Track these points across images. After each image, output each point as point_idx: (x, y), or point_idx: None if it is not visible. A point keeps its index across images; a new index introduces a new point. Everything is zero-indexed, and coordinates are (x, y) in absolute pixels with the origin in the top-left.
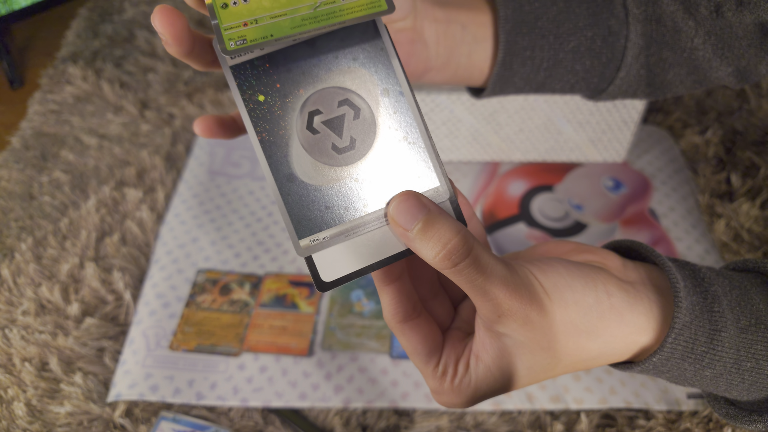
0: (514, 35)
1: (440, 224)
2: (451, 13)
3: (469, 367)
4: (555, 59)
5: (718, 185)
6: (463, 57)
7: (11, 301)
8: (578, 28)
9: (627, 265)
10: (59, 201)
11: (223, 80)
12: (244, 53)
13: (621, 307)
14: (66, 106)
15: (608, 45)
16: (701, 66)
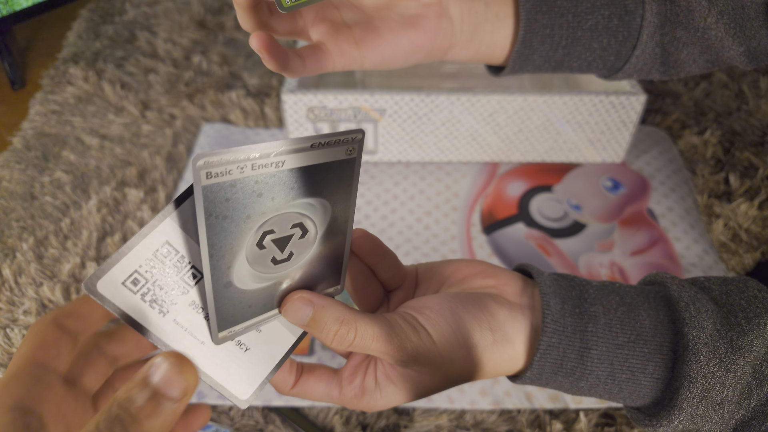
0: (534, 13)
1: (325, 318)
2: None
3: (377, 383)
4: (573, 37)
5: (717, 185)
6: (486, 34)
7: (12, 300)
8: (596, 7)
9: (525, 290)
10: (60, 201)
11: (223, 81)
12: (297, 8)
13: (504, 337)
14: (67, 106)
15: (624, 24)
16: (713, 45)
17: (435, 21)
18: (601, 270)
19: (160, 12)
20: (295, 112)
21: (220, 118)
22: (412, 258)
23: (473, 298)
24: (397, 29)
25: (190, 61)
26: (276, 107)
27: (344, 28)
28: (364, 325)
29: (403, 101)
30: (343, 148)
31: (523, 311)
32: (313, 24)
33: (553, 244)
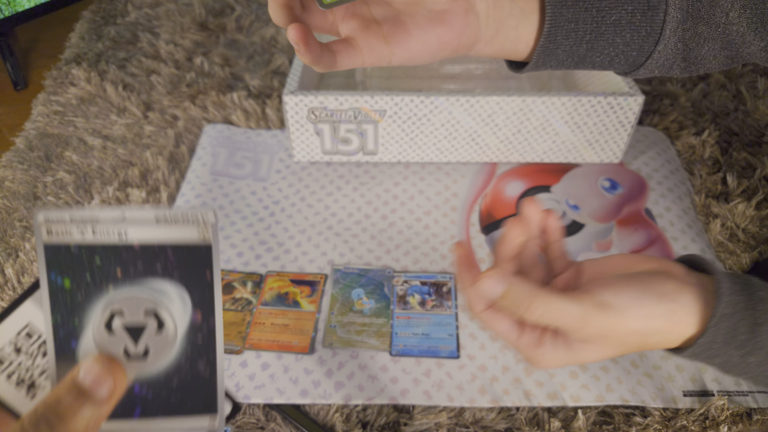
0: (560, 7)
1: (518, 292)
2: None
3: (555, 341)
4: (597, 32)
5: (714, 186)
6: (511, 29)
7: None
8: (619, 2)
9: (691, 273)
10: (63, 201)
11: (225, 82)
12: (337, 5)
13: (680, 307)
14: (70, 107)
15: (648, 18)
16: (734, 41)
17: (462, 17)
18: None
19: (162, 13)
20: (296, 113)
21: (222, 119)
22: (412, 257)
23: (650, 273)
24: (424, 25)
25: (192, 63)
26: (277, 108)
27: (374, 24)
28: (555, 300)
29: (403, 102)
30: (193, 229)
31: (693, 287)
32: (343, 19)
33: None
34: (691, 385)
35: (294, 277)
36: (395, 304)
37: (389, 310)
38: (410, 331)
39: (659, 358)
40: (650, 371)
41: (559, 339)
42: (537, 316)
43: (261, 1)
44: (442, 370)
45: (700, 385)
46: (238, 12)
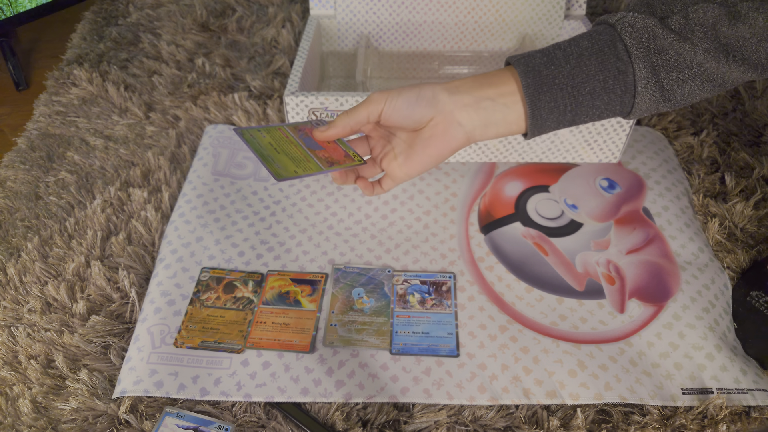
0: (537, 95)
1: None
2: (479, 93)
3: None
4: (576, 102)
5: (713, 185)
6: (500, 120)
7: (17, 299)
8: (590, 75)
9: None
10: (65, 201)
11: (226, 83)
12: (292, 179)
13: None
14: (72, 107)
15: (619, 82)
16: (713, 75)
17: (444, 135)
18: (597, 268)
19: (164, 14)
20: (297, 113)
21: (224, 120)
22: (412, 257)
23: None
24: (420, 150)
25: (193, 63)
26: (278, 109)
27: (392, 154)
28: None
29: None
30: None
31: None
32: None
33: (550, 243)
34: (690, 383)
35: (295, 276)
36: (395, 303)
37: (389, 308)
38: (410, 329)
39: (658, 356)
40: (649, 369)
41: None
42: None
43: (262, 3)
44: (441, 368)
45: (699, 383)
46: (239, 13)
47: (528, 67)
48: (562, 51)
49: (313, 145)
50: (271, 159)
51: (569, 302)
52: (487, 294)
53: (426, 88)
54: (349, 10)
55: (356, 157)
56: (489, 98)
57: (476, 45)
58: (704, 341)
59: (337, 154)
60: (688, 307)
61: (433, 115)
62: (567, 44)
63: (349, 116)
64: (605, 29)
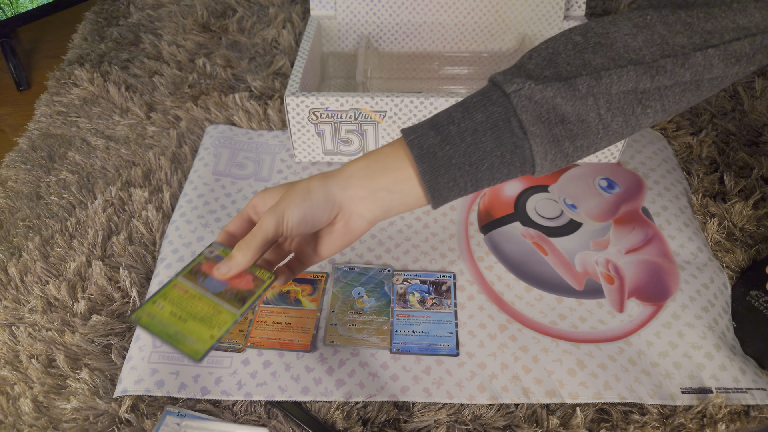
0: (435, 178)
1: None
2: (373, 184)
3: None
4: (476, 178)
5: (712, 185)
6: (399, 206)
7: (18, 299)
8: (487, 153)
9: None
10: (66, 201)
11: (227, 83)
12: (209, 353)
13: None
14: (73, 107)
15: (517, 156)
16: (617, 131)
17: (347, 227)
18: (596, 267)
19: (165, 15)
20: (297, 114)
21: (224, 120)
22: (412, 256)
23: None
24: (327, 242)
25: (194, 64)
26: (279, 109)
27: (306, 245)
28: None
29: (403, 103)
30: None
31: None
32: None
33: (550, 243)
34: (689, 383)
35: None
36: (395, 303)
37: (389, 308)
38: (410, 329)
39: (658, 356)
40: (648, 368)
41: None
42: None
43: (262, 3)
44: (441, 367)
45: (698, 382)
46: (239, 14)
47: (422, 150)
48: (456, 126)
49: (218, 286)
50: (180, 336)
51: (568, 301)
52: (486, 293)
53: (316, 189)
54: (349, 10)
55: (266, 275)
56: (384, 188)
57: (476, 45)
58: (703, 340)
59: (245, 282)
60: (687, 307)
61: (334, 214)
62: (460, 117)
63: (248, 247)
64: (500, 99)
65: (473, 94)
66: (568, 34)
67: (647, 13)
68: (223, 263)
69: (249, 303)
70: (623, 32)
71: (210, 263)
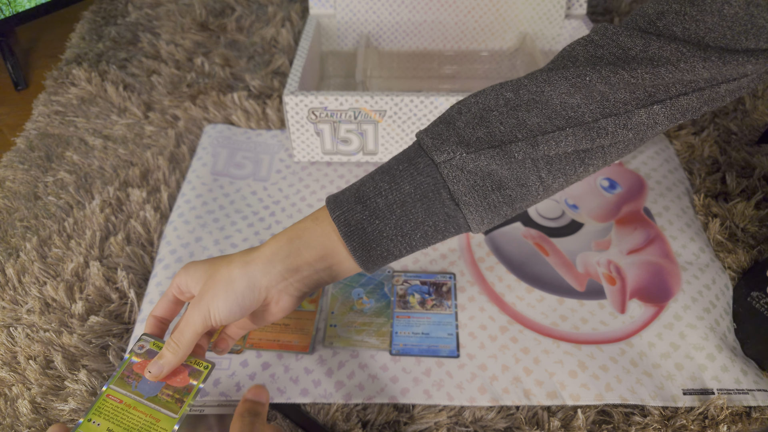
0: (367, 252)
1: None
2: (297, 262)
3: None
4: (410, 245)
5: (714, 185)
6: (328, 278)
7: (16, 299)
8: (419, 223)
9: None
10: (64, 201)
11: (226, 82)
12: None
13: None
14: (70, 107)
15: (451, 224)
16: (557, 189)
17: (278, 306)
18: (598, 268)
19: (163, 14)
20: (296, 113)
21: (223, 120)
22: (412, 257)
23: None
24: (262, 317)
25: (192, 63)
26: (278, 108)
27: (244, 322)
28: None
29: (403, 103)
30: None
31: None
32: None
33: (551, 243)
34: (690, 384)
35: None
36: (395, 304)
37: (389, 309)
38: (410, 330)
39: (659, 357)
40: (650, 370)
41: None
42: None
43: (261, 2)
44: (441, 369)
45: (699, 383)
46: (238, 12)
47: (350, 228)
48: (384, 198)
49: (153, 388)
50: None
51: (570, 303)
52: (487, 294)
53: (238, 279)
54: (348, 9)
55: (202, 365)
56: (309, 265)
57: (476, 44)
58: (705, 341)
59: (181, 378)
60: (689, 308)
61: (261, 299)
62: (387, 188)
63: (178, 344)
64: (427, 169)
65: (399, 159)
66: (498, 89)
67: (586, 74)
68: (153, 364)
69: (188, 402)
70: (559, 91)
71: (143, 361)
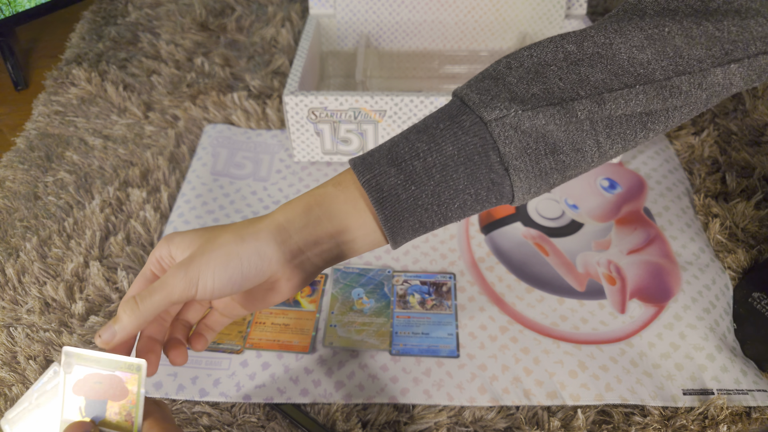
0: (399, 223)
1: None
2: (317, 234)
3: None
4: (444, 217)
5: (714, 185)
6: (348, 253)
7: (16, 299)
8: (458, 191)
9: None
10: (64, 201)
11: (226, 82)
12: None
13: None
14: (70, 107)
15: (494, 192)
16: (610, 157)
17: (285, 287)
18: (598, 268)
19: (163, 14)
20: (296, 113)
21: (223, 119)
22: (412, 257)
23: None
24: (259, 299)
25: (192, 63)
26: (278, 108)
27: (233, 304)
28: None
29: (403, 103)
30: None
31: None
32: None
33: (551, 243)
34: (690, 384)
35: None
36: (395, 304)
37: (389, 309)
38: (410, 330)
39: (659, 357)
40: (650, 370)
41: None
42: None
43: (261, 2)
44: (441, 369)
45: (699, 383)
46: (238, 12)
47: (383, 193)
48: (422, 161)
49: (99, 409)
50: None
51: (570, 303)
52: (487, 294)
53: (244, 247)
54: (348, 9)
55: (133, 366)
56: (330, 238)
57: (476, 44)
58: (705, 342)
59: (118, 390)
60: (689, 308)
61: (267, 275)
62: (426, 149)
63: (142, 305)
64: (475, 127)
65: (437, 117)
66: (558, 41)
67: (665, 24)
68: (105, 328)
69: (137, 413)
70: (631, 44)
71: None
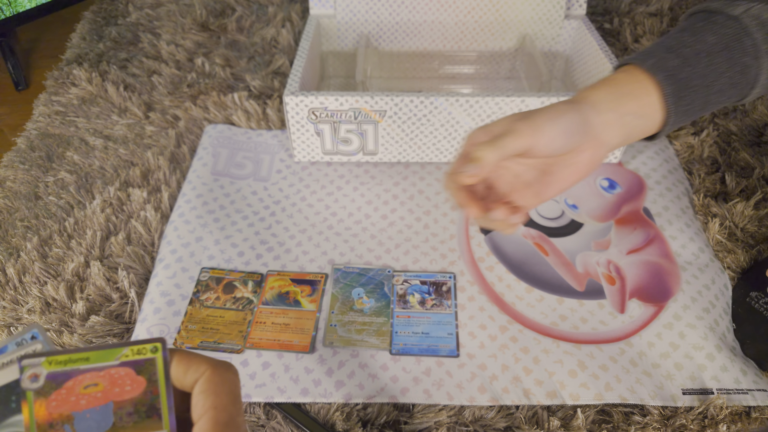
0: (678, 101)
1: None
2: (622, 109)
3: None
4: (705, 102)
5: (713, 185)
6: (638, 134)
7: (17, 299)
8: (719, 74)
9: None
10: (65, 201)
11: (226, 83)
12: None
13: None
14: (71, 107)
15: (744, 76)
16: None
17: (591, 159)
18: (597, 268)
19: (163, 14)
20: (296, 113)
21: (223, 120)
22: (412, 257)
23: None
24: (559, 178)
25: (193, 63)
26: (278, 109)
27: (526, 188)
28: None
29: (403, 103)
30: None
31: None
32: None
33: (551, 243)
34: (690, 384)
35: (294, 277)
36: (395, 303)
37: (389, 309)
38: (410, 330)
39: (659, 357)
40: (649, 370)
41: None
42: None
43: (261, 2)
44: (441, 368)
45: (699, 383)
46: (239, 13)
47: (667, 73)
48: (690, 48)
49: (104, 419)
50: None
51: (569, 302)
52: (487, 294)
53: (568, 110)
54: (348, 9)
55: (147, 348)
56: (632, 113)
57: (476, 45)
58: (705, 341)
59: (135, 385)
60: (689, 307)
61: (582, 141)
62: (691, 40)
63: (496, 147)
64: (729, 22)
65: (689, 22)
66: None
67: None
68: (466, 168)
69: (164, 404)
70: None
71: (56, 394)
